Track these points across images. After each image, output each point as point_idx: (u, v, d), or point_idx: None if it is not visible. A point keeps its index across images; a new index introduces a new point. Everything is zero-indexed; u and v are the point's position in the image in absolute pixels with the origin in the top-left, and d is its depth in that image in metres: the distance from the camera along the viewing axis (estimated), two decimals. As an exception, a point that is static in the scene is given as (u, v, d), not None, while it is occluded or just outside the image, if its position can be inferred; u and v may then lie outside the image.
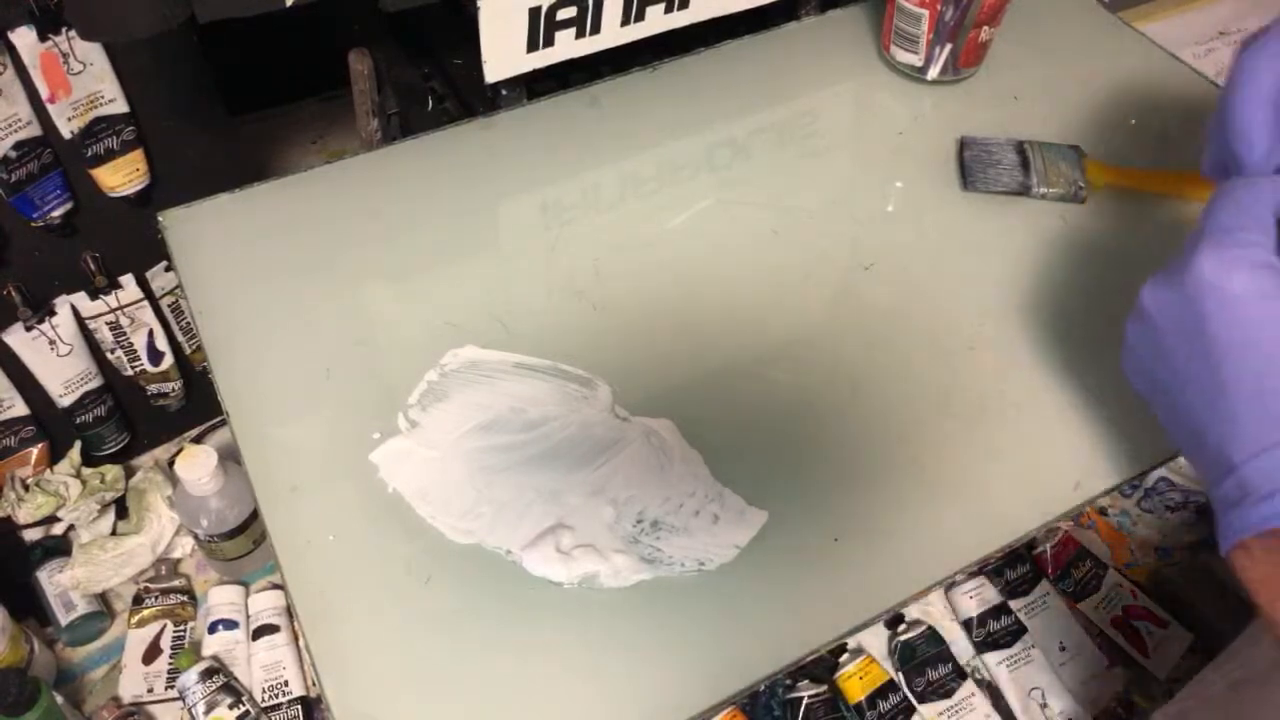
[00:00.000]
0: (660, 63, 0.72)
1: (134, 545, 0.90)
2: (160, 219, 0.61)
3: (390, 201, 0.63)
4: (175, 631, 0.89)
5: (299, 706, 0.84)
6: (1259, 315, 0.37)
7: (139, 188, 0.77)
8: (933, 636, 0.88)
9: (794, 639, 0.45)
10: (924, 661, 0.86)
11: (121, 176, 0.76)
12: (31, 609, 0.88)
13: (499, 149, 0.66)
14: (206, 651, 0.87)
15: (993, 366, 0.55)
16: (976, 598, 0.90)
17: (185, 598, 0.91)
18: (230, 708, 0.81)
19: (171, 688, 0.85)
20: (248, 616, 0.89)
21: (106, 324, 0.86)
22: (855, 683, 0.85)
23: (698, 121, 0.69)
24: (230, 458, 0.84)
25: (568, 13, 0.64)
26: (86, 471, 0.92)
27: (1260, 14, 1.14)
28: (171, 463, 0.93)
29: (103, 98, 0.71)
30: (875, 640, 0.89)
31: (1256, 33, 0.43)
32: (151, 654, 0.87)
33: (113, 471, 0.93)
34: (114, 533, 0.93)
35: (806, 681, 0.85)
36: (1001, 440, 0.52)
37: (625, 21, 0.67)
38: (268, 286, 0.58)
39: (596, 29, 0.66)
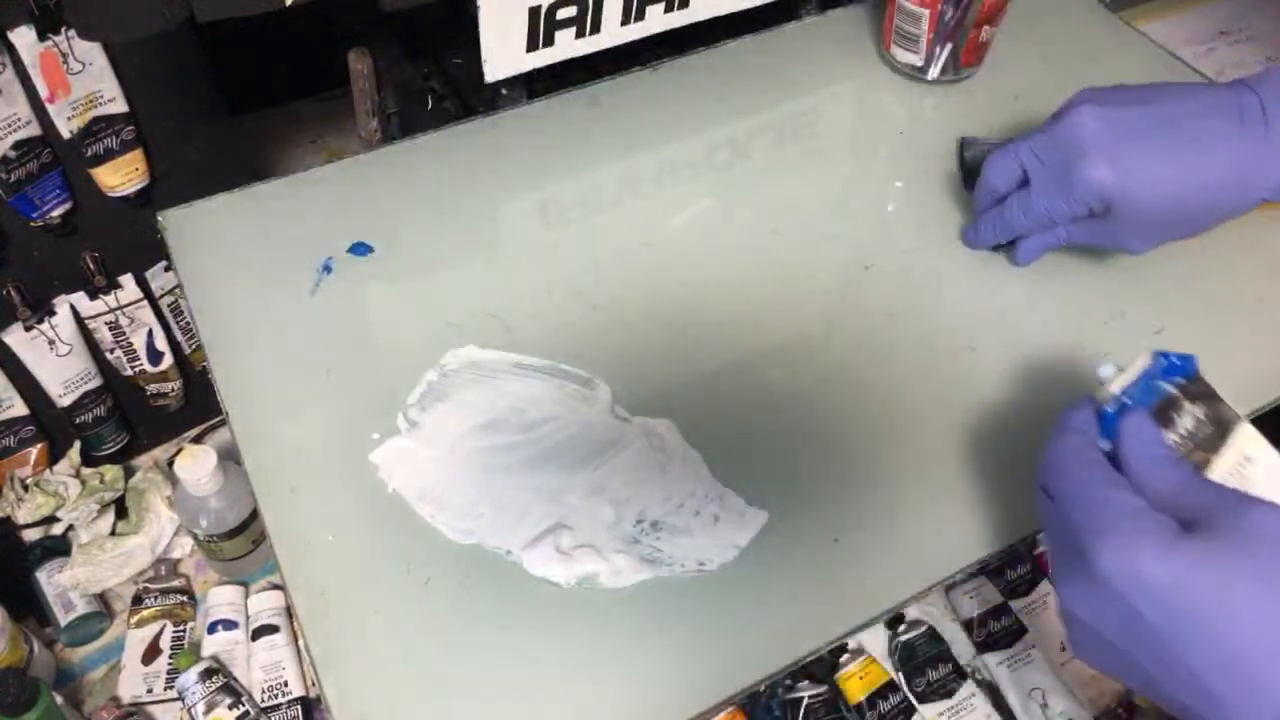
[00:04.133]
0: (660, 63, 0.72)
1: (133, 545, 0.90)
2: (160, 219, 0.61)
3: (390, 201, 0.62)
4: (175, 632, 0.89)
5: (299, 707, 0.84)
6: (1187, 600, 0.35)
7: (138, 187, 0.77)
8: (933, 636, 0.88)
9: (794, 639, 0.45)
10: (924, 661, 0.86)
11: (121, 176, 0.76)
12: (31, 609, 0.88)
13: (499, 149, 0.66)
14: (206, 652, 0.87)
15: (993, 366, 0.55)
16: (976, 598, 0.90)
17: (185, 598, 0.91)
18: (230, 708, 0.81)
19: (171, 688, 0.85)
20: (247, 617, 0.89)
21: (106, 324, 0.86)
22: (855, 683, 0.85)
23: (698, 121, 0.68)
24: (230, 458, 0.84)
25: (568, 12, 0.64)
26: (86, 471, 0.92)
27: (1260, 14, 1.14)
28: (171, 463, 0.93)
29: (102, 97, 0.71)
30: (875, 640, 0.89)
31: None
32: (151, 654, 0.87)
33: (112, 471, 0.93)
34: (113, 533, 0.93)
35: (806, 682, 0.85)
36: (1002, 440, 0.52)
37: (625, 21, 0.67)
38: (268, 286, 0.57)
39: (596, 29, 0.66)
